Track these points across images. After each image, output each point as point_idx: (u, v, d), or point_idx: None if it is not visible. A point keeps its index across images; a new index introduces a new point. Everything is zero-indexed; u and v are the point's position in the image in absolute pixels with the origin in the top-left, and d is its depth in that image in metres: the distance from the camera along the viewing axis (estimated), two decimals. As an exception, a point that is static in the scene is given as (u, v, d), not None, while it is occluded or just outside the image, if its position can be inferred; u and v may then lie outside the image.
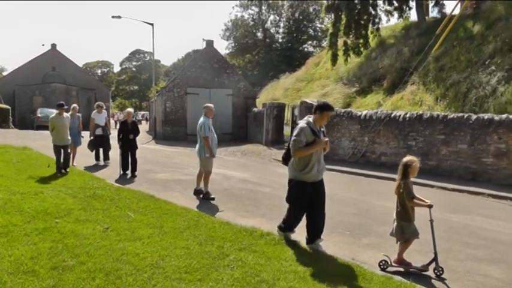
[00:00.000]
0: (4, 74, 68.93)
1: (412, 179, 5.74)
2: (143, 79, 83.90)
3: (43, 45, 73.22)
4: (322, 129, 6.10)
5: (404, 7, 25.78)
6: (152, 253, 5.40)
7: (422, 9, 25.08)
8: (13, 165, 11.39)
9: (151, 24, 30.59)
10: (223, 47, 74.36)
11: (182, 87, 27.34)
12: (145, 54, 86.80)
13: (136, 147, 12.29)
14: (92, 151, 13.80)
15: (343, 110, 17.47)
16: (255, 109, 26.62)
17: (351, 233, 7.27)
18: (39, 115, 34.33)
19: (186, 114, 27.18)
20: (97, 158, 13.82)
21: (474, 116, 12.96)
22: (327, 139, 5.97)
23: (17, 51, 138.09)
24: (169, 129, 26.93)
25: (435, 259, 5.46)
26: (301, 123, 6.01)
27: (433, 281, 5.36)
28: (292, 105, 23.02)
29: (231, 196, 9.86)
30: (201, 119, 9.39)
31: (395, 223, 5.75)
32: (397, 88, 18.64)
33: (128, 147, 12.00)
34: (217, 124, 27.76)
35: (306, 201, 6.07)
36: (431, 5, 27.02)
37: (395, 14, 26.26)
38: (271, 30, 58.61)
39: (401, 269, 5.58)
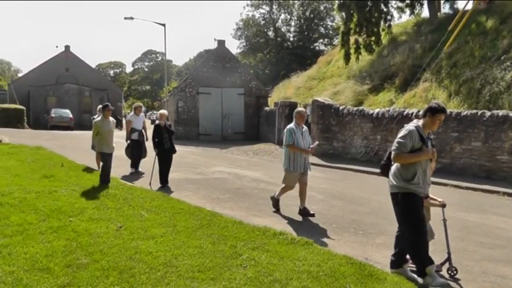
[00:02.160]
0: (19, 75, 69.96)
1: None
2: (155, 79, 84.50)
3: (57, 47, 73.93)
4: (430, 137, 5.21)
5: (416, 3, 25.58)
6: (165, 252, 5.41)
7: (434, 5, 24.93)
8: (28, 165, 11.50)
9: (163, 25, 30.76)
10: (234, 47, 74.84)
11: (194, 87, 27.43)
12: (157, 55, 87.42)
13: (174, 151, 10.71)
14: (132, 158, 12.51)
15: (355, 109, 17.37)
16: (266, 108, 26.60)
17: (363, 232, 7.22)
18: (52, 115, 34.83)
19: (198, 113, 27.25)
20: (134, 165, 12.42)
21: (488, 113, 12.80)
22: (434, 149, 5.13)
23: (31, 54, 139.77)
24: (182, 129, 27.01)
25: (449, 259, 5.40)
26: (409, 125, 5.12)
27: (447, 281, 5.30)
28: (304, 104, 22.95)
29: (244, 195, 9.85)
30: (288, 125, 8.38)
31: None
32: (410, 85, 18.50)
33: (166, 154, 10.45)
34: (229, 124, 28.00)
35: (422, 214, 5.05)
36: (442, 1, 26.76)
37: (407, 11, 26.11)
38: (283, 29, 58.55)
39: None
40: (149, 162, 11.45)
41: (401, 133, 5.07)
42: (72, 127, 34.02)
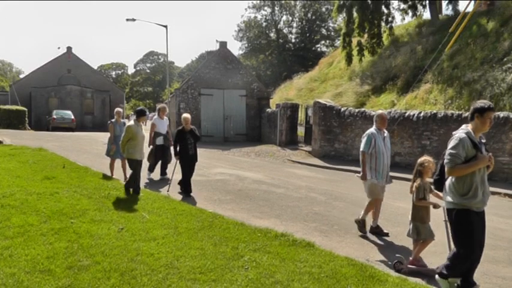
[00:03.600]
0: (21, 76, 70.00)
1: (428, 179, 5.67)
2: (157, 80, 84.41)
3: (59, 48, 74.02)
4: (483, 141, 4.79)
5: (418, 5, 25.56)
6: (167, 253, 5.43)
7: (435, 7, 24.92)
8: (29, 166, 11.48)
9: (165, 27, 30.80)
10: (236, 48, 74.76)
11: (196, 88, 27.43)
12: (159, 56, 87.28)
13: (197, 160, 10.08)
14: (153, 163, 11.75)
15: (356, 110, 17.37)
16: (268, 110, 26.59)
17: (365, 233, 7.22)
18: (54, 117, 34.73)
19: (200, 115, 27.23)
20: (151, 168, 11.77)
21: (490, 115, 12.77)
22: (490, 154, 4.66)
23: (33, 55, 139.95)
24: (183, 130, 26.97)
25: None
26: (459, 132, 4.67)
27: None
28: (305, 105, 22.96)
29: (245, 197, 9.85)
30: (368, 129, 7.53)
31: (411, 224, 5.70)
32: (411, 87, 18.47)
33: (189, 161, 9.83)
34: (231, 125, 28.01)
35: (477, 234, 4.66)
36: (445, 2, 26.77)
37: (410, 12, 26.09)
38: (284, 31, 58.54)
39: (416, 271, 5.53)
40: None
41: (452, 143, 4.62)
42: (74, 128, 33.98)
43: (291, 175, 13.53)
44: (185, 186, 9.77)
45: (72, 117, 35.40)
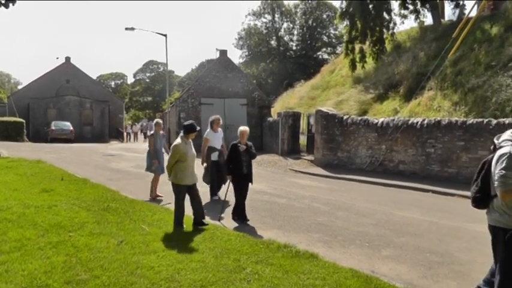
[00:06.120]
0: (19, 87, 69.92)
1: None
2: (157, 90, 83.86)
3: (57, 58, 73.66)
4: None
5: (421, 9, 25.41)
6: (167, 266, 5.35)
7: (437, 12, 24.71)
8: (27, 179, 11.43)
9: (165, 35, 30.67)
10: (237, 56, 74.43)
11: (196, 98, 27.40)
12: (159, 65, 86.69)
13: (252, 181, 8.64)
14: (209, 184, 10.47)
15: (359, 118, 17.26)
16: (269, 118, 26.53)
17: (369, 244, 7.11)
18: (53, 128, 34.61)
19: (200, 125, 27.05)
20: (214, 192, 10.46)
21: (495, 121, 12.66)
22: None
23: (31, 65, 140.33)
24: (184, 141, 26.93)
25: None
26: (508, 146, 4.05)
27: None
28: (307, 114, 22.86)
29: (247, 207, 9.69)
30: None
31: None
32: (414, 94, 18.37)
33: (243, 181, 8.46)
34: (232, 135, 27.90)
35: None
36: (450, 6, 26.60)
37: (412, 17, 25.95)
38: (285, 38, 58.60)
39: None
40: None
41: (504, 162, 3.96)
42: (72, 140, 33.79)
43: (293, 185, 13.41)
44: (240, 212, 8.45)
45: (71, 128, 35.30)
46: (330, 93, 27.36)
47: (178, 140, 7.58)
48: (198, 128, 7.73)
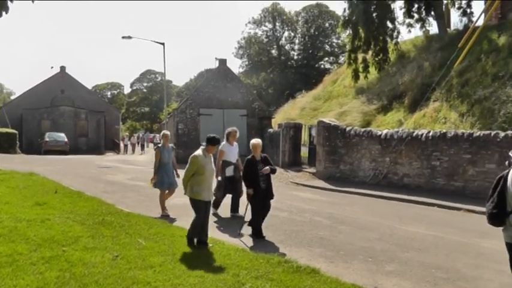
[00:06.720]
0: (12, 98, 69.34)
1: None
2: (154, 100, 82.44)
3: (52, 67, 72.66)
4: None
5: (426, 18, 25.22)
6: (164, 282, 5.28)
7: (443, 20, 24.43)
8: (19, 192, 11.27)
9: (163, 44, 30.33)
10: (236, 66, 73.67)
11: (195, 108, 27.15)
12: (157, 75, 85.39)
13: (272, 196, 8.34)
14: (220, 198, 10.08)
15: (362, 130, 17.04)
16: (270, 130, 26.30)
17: (373, 259, 6.91)
18: (47, 139, 33.99)
19: (199, 136, 26.80)
20: (216, 205, 10.06)
21: (502, 134, 12.44)
22: None
23: (25, 75, 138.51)
24: (182, 152, 26.44)
25: None
26: None
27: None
28: (309, 125, 22.68)
29: (247, 221, 9.54)
30: None
31: None
32: (419, 105, 18.14)
33: (261, 197, 8.09)
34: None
35: None
36: (457, 14, 26.28)
37: (417, 26, 25.67)
38: (286, 47, 58.30)
39: None
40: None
41: None
42: (67, 151, 33.29)
43: (294, 198, 13.22)
44: (256, 228, 8.12)
45: (66, 139, 34.70)
46: (332, 104, 27.18)
47: (198, 152, 7.36)
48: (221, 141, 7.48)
